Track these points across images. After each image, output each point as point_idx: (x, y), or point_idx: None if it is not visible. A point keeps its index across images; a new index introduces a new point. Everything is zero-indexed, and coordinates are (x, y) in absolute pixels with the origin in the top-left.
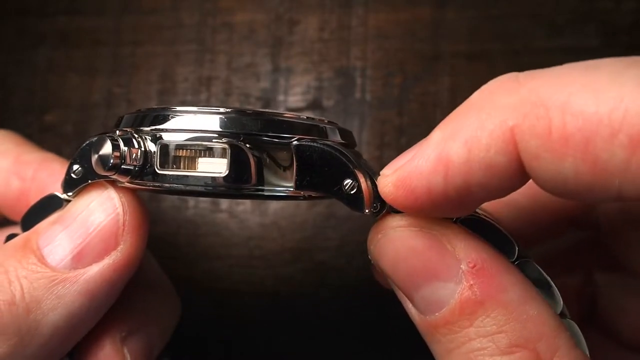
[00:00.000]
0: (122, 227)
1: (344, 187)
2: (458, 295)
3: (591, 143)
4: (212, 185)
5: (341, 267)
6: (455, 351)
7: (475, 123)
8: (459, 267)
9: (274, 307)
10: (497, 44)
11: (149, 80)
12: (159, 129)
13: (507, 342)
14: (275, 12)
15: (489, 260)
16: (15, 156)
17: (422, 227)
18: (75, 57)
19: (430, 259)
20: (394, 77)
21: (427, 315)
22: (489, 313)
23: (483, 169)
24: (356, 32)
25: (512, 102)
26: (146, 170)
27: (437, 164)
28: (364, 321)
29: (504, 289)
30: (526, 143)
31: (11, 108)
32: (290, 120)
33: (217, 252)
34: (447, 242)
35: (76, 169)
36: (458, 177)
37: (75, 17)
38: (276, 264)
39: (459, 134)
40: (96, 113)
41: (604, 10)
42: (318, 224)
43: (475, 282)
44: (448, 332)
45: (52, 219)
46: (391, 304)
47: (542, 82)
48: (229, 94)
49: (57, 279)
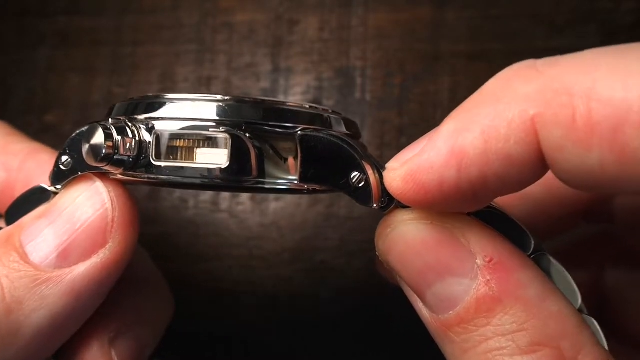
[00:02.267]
0: (110, 224)
1: (351, 180)
2: (474, 292)
3: (620, 131)
4: (211, 177)
5: (341, 267)
6: (471, 351)
7: (492, 113)
8: (474, 261)
9: (273, 307)
10: (497, 44)
11: (149, 80)
12: (154, 117)
13: (528, 340)
14: (275, 12)
15: (506, 254)
16: (1, 146)
17: (434, 221)
18: (75, 57)
19: (444, 254)
20: (394, 77)
21: (440, 314)
22: (508, 310)
23: (501, 160)
24: (356, 32)
25: (532, 90)
26: (141, 161)
27: (451, 157)
28: (364, 321)
29: (523, 285)
30: (548, 133)
31: (11, 108)
32: (295, 109)
33: (217, 252)
34: (461, 235)
35: (65, 160)
36: (473, 170)
37: (75, 17)
38: (276, 264)
39: (474, 124)
40: (96, 113)
41: (604, 10)
42: (318, 224)
43: (492, 277)
44: (463, 332)
45: (37, 213)
46: (391, 304)
47: (564, 68)
48: (229, 94)
49: (41, 278)
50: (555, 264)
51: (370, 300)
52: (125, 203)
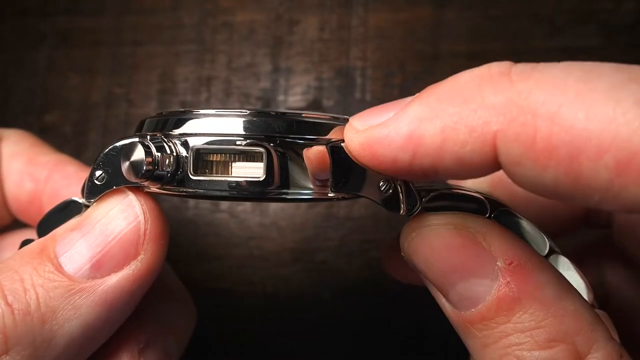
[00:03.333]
0: (142, 236)
1: (379, 189)
2: (495, 292)
3: (576, 160)
4: (248, 191)
5: (341, 267)
6: (492, 346)
7: (456, 115)
8: (494, 264)
9: (273, 307)
10: (497, 44)
11: (149, 80)
12: (188, 132)
13: (545, 337)
14: (275, 12)
15: (525, 257)
16: (29, 157)
17: (457, 225)
18: (75, 57)
19: (466, 256)
20: (394, 77)
21: (462, 311)
22: (527, 309)
23: (453, 160)
24: (356, 32)
25: (499, 102)
26: (178, 176)
27: (408, 142)
28: (364, 321)
29: (541, 286)
30: (508, 149)
31: (11, 108)
32: (324, 122)
33: (217, 252)
34: (482, 239)
35: (99, 175)
36: (426, 160)
37: (75, 17)
38: (276, 264)
39: (437, 118)
40: (96, 113)
41: (604, 10)
42: (318, 224)
43: (512, 279)
44: (484, 328)
45: (70, 225)
46: (391, 304)
47: (535, 83)
48: (229, 94)
49: (75, 288)
50: (568, 263)
51: (370, 300)
52: (157, 216)
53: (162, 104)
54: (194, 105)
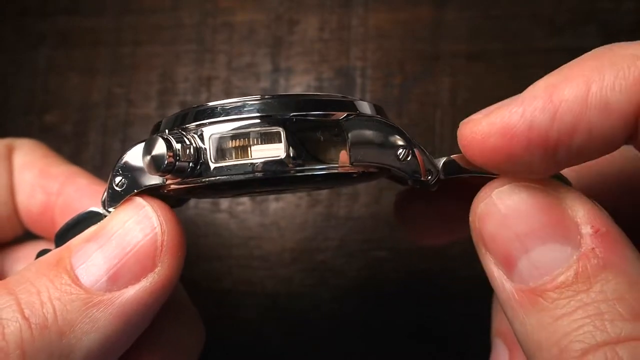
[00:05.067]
0: (160, 248)
1: (398, 157)
2: (576, 258)
3: None
4: (270, 170)
5: (341, 267)
6: (566, 317)
7: (597, 65)
8: (578, 230)
9: (273, 307)
10: (497, 44)
11: (149, 80)
12: (205, 123)
13: (630, 309)
14: (275, 12)
15: (612, 228)
16: (40, 169)
17: (543, 187)
18: (75, 57)
19: (551, 218)
20: (394, 77)
21: (532, 282)
22: (611, 279)
23: (599, 108)
24: (356, 32)
25: (637, 51)
26: (199, 167)
27: (548, 102)
28: (364, 321)
29: (627, 259)
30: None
31: (11, 108)
32: (335, 99)
33: (217, 252)
34: (568, 204)
35: (119, 181)
36: (568, 117)
37: (75, 17)
38: (276, 264)
39: (576, 76)
40: (96, 113)
41: (604, 10)
42: (318, 224)
43: (598, 246)
44: (559, 297)
45: (86, 235)
46: (391, 303)
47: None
48: (229, 94)
49: (92, 301)
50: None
51: (370, 300)
52: (174, 227)
53: (162, 104)
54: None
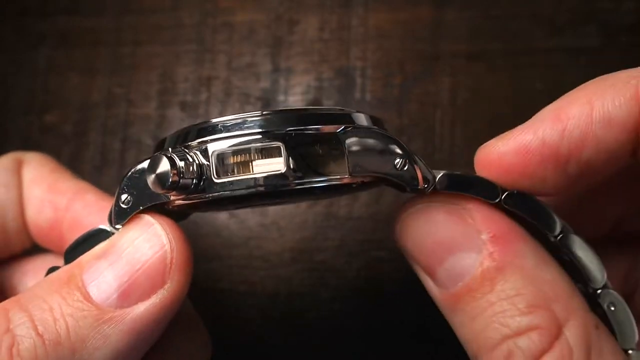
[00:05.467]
0: (169, 266)
1: (395, 167)
2: (479, 263)
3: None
4: (271, 184)
5: (341, 267)
6: (479, 317)
7: (598, 85)
8: (479, 237)
9: (273, 307)
10: (497, 44)
11: (149, 80)
12: (207, 140)
13: (525, 303)
14: (275, 12)
15: (506, 229)
16: (49, 184)
17: (444, 202)
18: (75, 57)
19: (453, 231)
20: (394, 77)
21: (450, 288)
22: (508, 278)
23: (603, 122)
24: (356, 32)
25: (634, 72)
26: (202, 183)
27: (557, 121)
28: (364, 321)
29: (521, 255)
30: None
31: (11, 108)
32: (332, 113)
33: (217, 252)
34: (467, 214)
35: (125, 198)
36: (575, 132)
37: (75, 17)
38: (276, 264)
39: (580, 98)
40: (96, 113)
41: (604, 10)
42: (318, 224)
43: (494, 249)
44: (471, 300)
45: (96, 252)
46: (391, 303)
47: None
48: (229, 94)
49: (103, 318)
50: (581, 242)
51: (370, 300)
52: (182, 244)
53: (162, 104)
54: (195, 105)
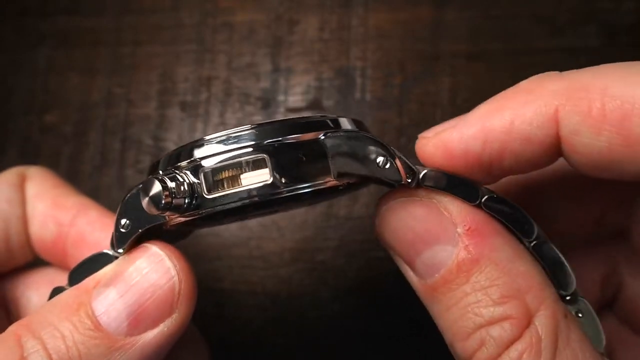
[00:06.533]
0: (177, 296)
1: (377, 165)
2: (455, 256)
3: (626, 119)
4: (261, 194)
5: (341, 267)
6: (454, 307)
7: (522, 101)
8: (455, 230)
9: (273, 307)
10: (497, 44)
11: (149, 80)
12: (195, 159)
13: (499, 294)
14: (275, 12)
15: (481, 223)
16: (53, 200)
17: (422, 196)
18: (75, 57)
19: (430, 225)
20: (394, 77)
21: (428, 279)
22: (483, 269)
23: (521, 139)
24: (356, 32)
25: (558, 88)
26: (195, 200)
27: (479, 132)
28: (363, 321)
29: (496, 248)
30: (568, 120)
31: (11, 108)
32: (310, 120)
33: (217, 252)
34: (444, 208)
35: (124, 223)
36: (496, 144)
37: (75, 17)
38: (276, 264)
39: (505, 109)
40: (96, 113)
41: (604, 10)
42: (318, 224)
43: (470, 242)
44: (447, 291)
45: (105, 280)
46: (391, 303)
47: (583, 74)
48: (229, 94)
49: (114, 345)
50: (554, 250)
51: (370, 300)
52: (188, 274)
53: (162, 104)
54: (195, 105)
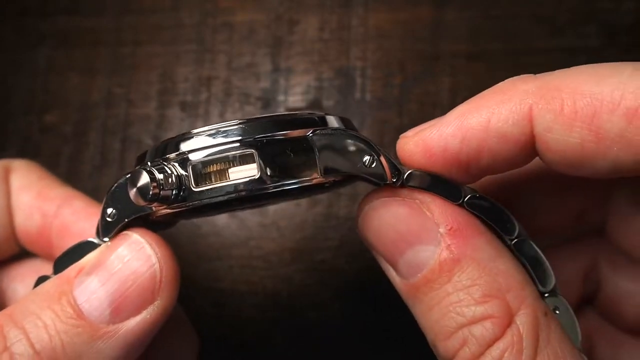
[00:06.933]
0: (159, 284)
1: (364, 164)
2: (437, 256)
3: (596, 116)
4: (248, 189)
5: (341, 267)
6: (436, 307)
7: (498, 100)
8: (437, 230)
9: (273, 307)
10: (497, 44)
11: (149, 80)
12: (184, 151)
13: (480, 293)
14: (275, 12)
15: (463, 223)
16: (37, 191)
17: (405, 196)
18: (75, 57)
19: (413, 225)
20: (394, 77)
21: (410, 279)
22: (465, 269)
23: (497, 137)
24: (356, 32)
25: (530, 87)
26: (182, 193)
27: (457, 130)
28: (363, 321)
29: (477, 248)
30: (541, 118)
31: (11, 108)
32: (299, 117)
33: (217, 252)
34: (426, 208)
35: (110, 212)
36: (473, 142)
37: (75, 17)
38: (276, 264)
39: (482, 108)
40: (96, 113)
41: (604, 10)
42: (318, 224)
43: (452, 242)
44: (429, 290)
45: (87, 268)
46: (391, 304)
47: (555, 75)
48: (229, 94)
49: (97, 334)
50: (535, 249)
51: (370, 300)
52: (170, 261)
53: (162, 104)
54: (195, 105)
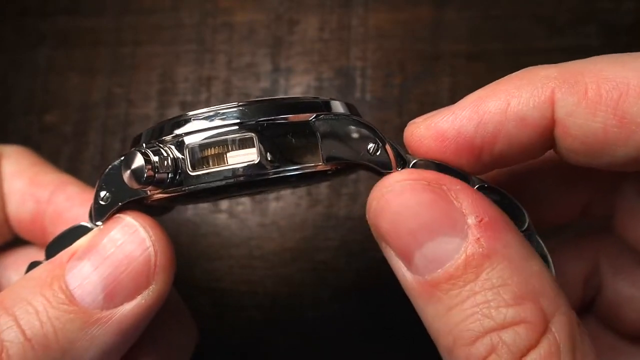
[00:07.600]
0: (153, 268)
1: (368, 152)
2: (464, 249)
3: (622, 100)
4: (246, 174)
5: (341, 267)
6: (458, 307)
7: (517, 84)
8: (465, 221)
9: (273, 307)
10: (497, 44)
11: (149, 80)
12: (181, 134)
13: (512, 294)
14: (275, 12)
15: (495, 216)
16: (30, 177)
17: (431, 181)
18: (75, 57)
19: (438, 213)
20: (394, 77)
21: (427, 275)
22: (495, 266)
23: (516, 121)
24: (356, 32)
25: (552, 73)
26: (178, 177)
27: (474, 113)
28: (364, 321)
29: (509, 245)
30: (564, 101)
31: (11, 108)
32: (302, 101)
33: (217, 252)
34: (454, 197)
35: (104, 195)
36: (490, 126)
37: (75, 17)
38: (276, 264)
39: (500, 92)
40: (96, 113)
41: (604, 10)
42: (318, 224)
43: (482, 235)
44: (451, 288)
45: (79, 253)
46: (391, 304)
47: (576, 63)
48: (229, 94)
49: (90, 319)
50: (541, 244)
51: (370, 300)
52: (165, 245)
53: (162, 104)
54: (194, 105)
